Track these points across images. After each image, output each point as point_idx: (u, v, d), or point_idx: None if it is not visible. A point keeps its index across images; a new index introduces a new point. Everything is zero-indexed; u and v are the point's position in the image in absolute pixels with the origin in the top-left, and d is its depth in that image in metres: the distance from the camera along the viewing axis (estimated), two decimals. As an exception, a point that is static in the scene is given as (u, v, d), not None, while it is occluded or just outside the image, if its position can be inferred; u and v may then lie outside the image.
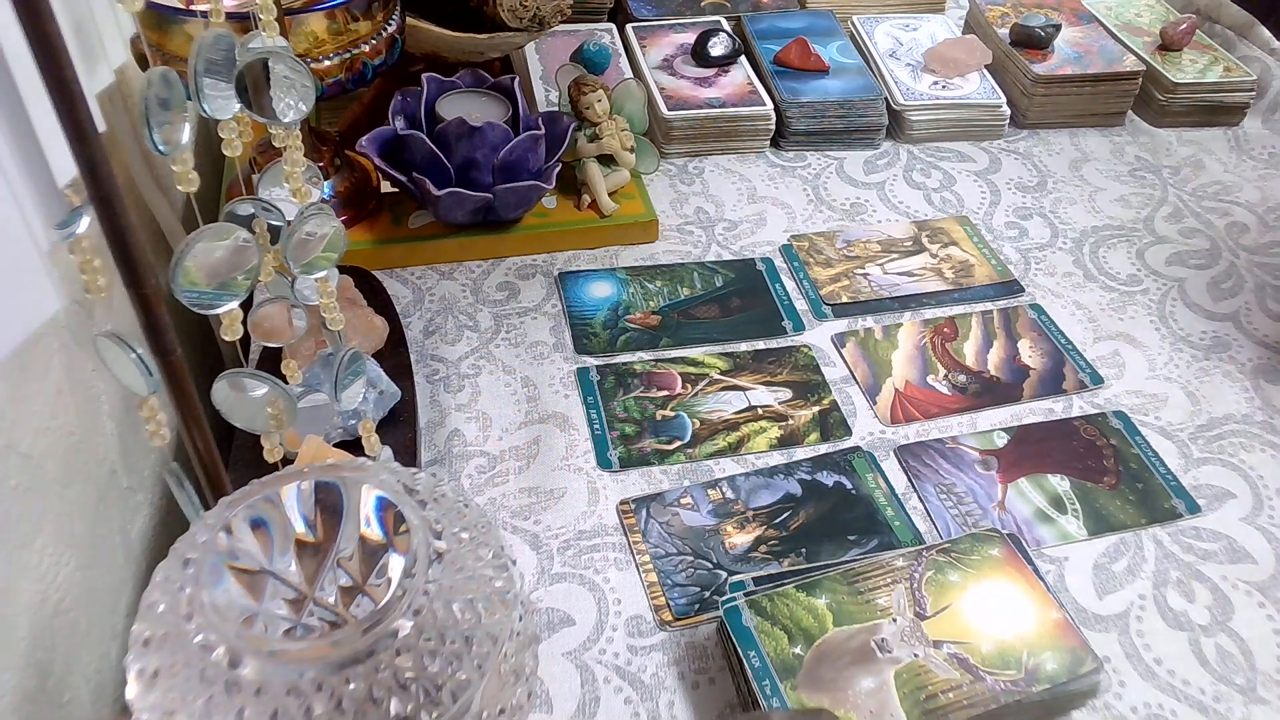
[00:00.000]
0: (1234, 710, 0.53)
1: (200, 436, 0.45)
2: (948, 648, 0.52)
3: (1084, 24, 1.05)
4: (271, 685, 0.33)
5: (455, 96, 0.80)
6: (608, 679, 0.54)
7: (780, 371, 0.72)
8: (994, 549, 0.57)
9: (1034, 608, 0.54)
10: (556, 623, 0.57)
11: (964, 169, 0.94)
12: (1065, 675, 0.51)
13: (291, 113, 0.45)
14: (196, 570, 0.36)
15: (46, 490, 0.48)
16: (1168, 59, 1.00)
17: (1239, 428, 0.69)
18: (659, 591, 0.58)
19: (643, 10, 1.06)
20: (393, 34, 0.75)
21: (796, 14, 1.06)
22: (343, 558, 0.40)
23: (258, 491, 0.39)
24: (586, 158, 0.82)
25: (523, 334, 0.75)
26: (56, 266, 0.49)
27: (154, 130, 0.38)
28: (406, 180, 0.76)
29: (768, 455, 0.66)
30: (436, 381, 0.71)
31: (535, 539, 0.61)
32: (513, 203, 0.78)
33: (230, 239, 0.41)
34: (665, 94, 0.93)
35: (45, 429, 0.49)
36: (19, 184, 0.44)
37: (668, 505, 0.63)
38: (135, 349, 0.40)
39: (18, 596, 0.45)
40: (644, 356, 0.73)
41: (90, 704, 0.51)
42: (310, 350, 0.64)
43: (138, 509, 0.59)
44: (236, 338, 0.45)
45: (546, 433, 0.67)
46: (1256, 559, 0.61)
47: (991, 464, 0.66)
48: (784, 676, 0.50)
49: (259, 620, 0.38)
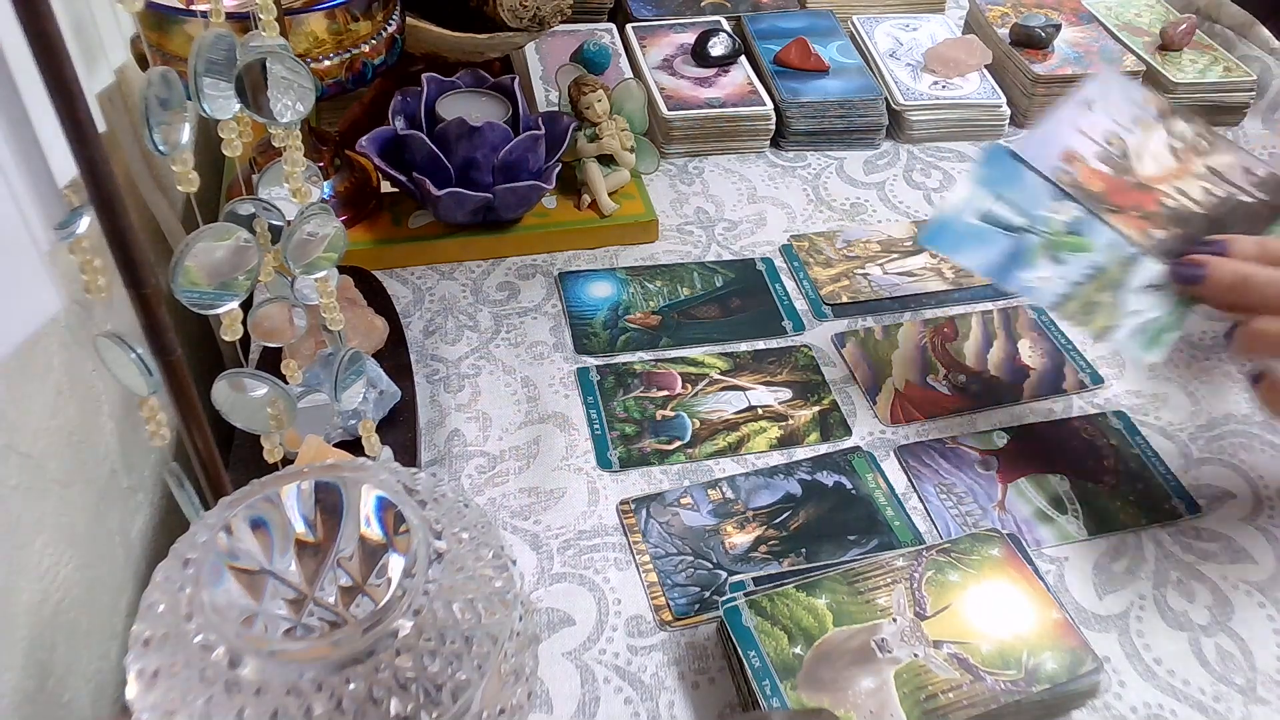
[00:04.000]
0: (1234, 710, 0.53)
1: (200, 436, 0.45)
2: (948, 648, 0.52)
3: (1084, 24, 1.05)
4: (271, 685, 0.33)
5: (455, 96, 0.80)
6: (608, 679, 0.54)
7: (780, 371, 0.72)
8: (994, 549, 0.57)
9: (1034, 608, 0.54)
10: (556, 623, 0.57)
11: (964, 169, 0.94)
12: (1065, 675, 0.51)
13: (290, 113, 0.45)
14: (196, 570, 0.36)
15: (46, 490, 0.48)
16: (1168, 59, 1.00)
17: (1239, 428, 0.69)
18: (659, 591, 0.58)
19: (643, 10, 1.06)
20: (393, 34, 0.75)
21: (796, 14, 1.06)
22: (343, 558, 0.40)
23: (258, 491, 0.39)
24: (586, 158, 0.82)
25: (523, 334, 0.75)
26: (56, 267, 0.49)
27: (154, 130, 0.38)
28: (406, 180, 0.76)
29: (768, 455, 0.66)
30: (436, 381, 0.71)
31: (535, 539, 0.61)
32: (513, 203, 0.78)
33: (230, 239, 0.41)
34: (665, 94, 0.93)
35: (45, 429, 0.49)
36: (19, 184, 0.44)
37: (668, 505, 0.63)
38: (135, 349, 0.40)
39: (18, 596, 0.45)
40: (644, 356, 0.73)
41: (90, 704, 0.51)
42: (310, 350, 0.64)
43: (138, 509, 0.59)
44: (236, 338, 0.45)
45: (546, 433, 0.67)
46: (1256, 559, 0.61)
47: (991, 464, 0.66)
48: (784, 676, 0.50)
49: (259, 620, 0.38)
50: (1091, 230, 0.61)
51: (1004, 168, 0.62)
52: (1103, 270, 0.60)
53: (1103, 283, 0.59)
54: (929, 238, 0.63)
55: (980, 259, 0.60)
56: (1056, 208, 0.61)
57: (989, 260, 0.60)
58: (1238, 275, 0.55)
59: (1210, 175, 0.62)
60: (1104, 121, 0.64)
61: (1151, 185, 0.62)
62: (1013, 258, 0.60)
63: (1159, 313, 0.58)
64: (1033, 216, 0.61)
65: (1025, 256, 0.60)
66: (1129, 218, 0.61)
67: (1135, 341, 0.58)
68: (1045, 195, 0.62)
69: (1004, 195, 0.61)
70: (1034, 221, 0.61)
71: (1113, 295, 0.59)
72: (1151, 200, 0.62)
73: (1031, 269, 0.60)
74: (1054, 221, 0.61)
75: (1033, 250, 0.60)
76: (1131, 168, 0.63)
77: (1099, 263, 0.60)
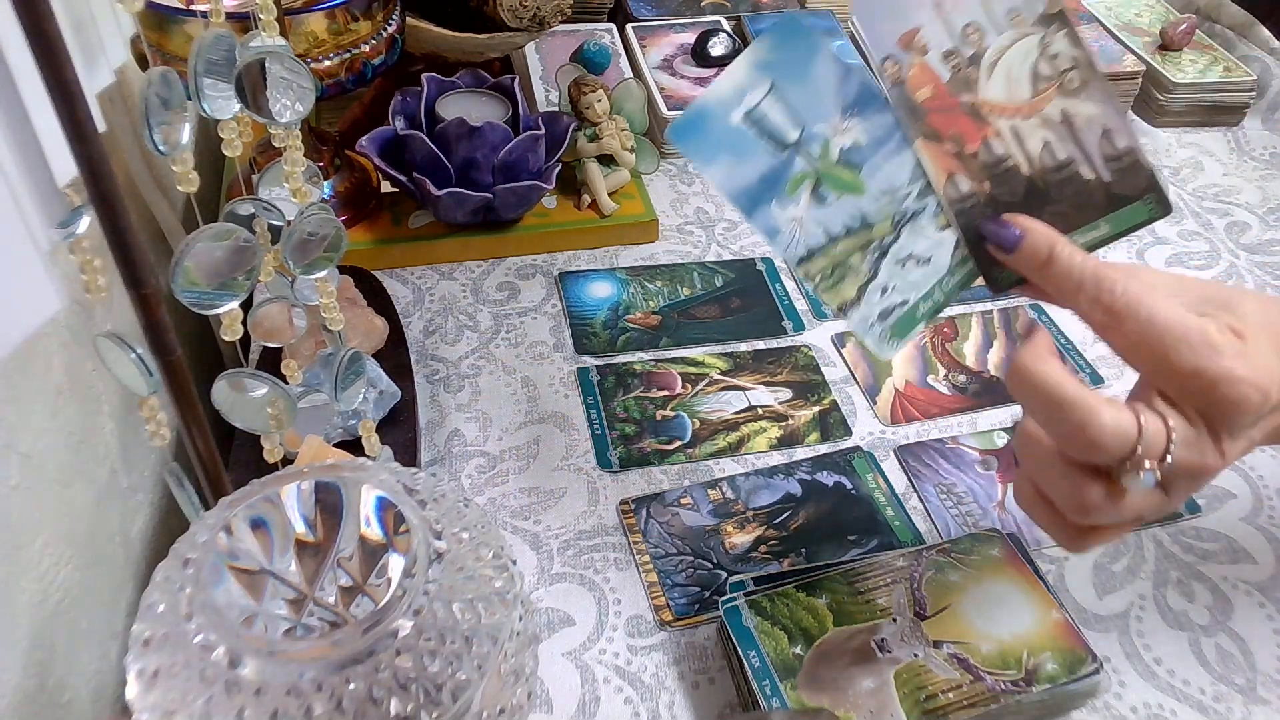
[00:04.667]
0: (1234, 710, 0.53)
1: (200, 436, 0.45)
2: (948, 648, 0.52)
3: (1084, 24, 1.05)
4: (271, 685, 0.33)
5: (455, 96, 0.80)
6: (608, 679, 0.54)
7: (780, 371, 0.72)
8: (994, 549, 0.57)
9: (1034, 608, 0.54)
10: (556, 623, 0.57)
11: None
12: (1065, 675, 0.51)
13: (290, 113, 0.45)
14: (196, 570, 0.36)
15: (46, 490, 0.48)
16: (1168, 59, 1.00)
17: (1239, 428, 0.69)
18: (659, 591, 0.58)
19: (643, 10, 1.06)
20: (393, 34, 0.75)
21: (797, 14, 1.06)
22: (343, 558, 0.40)
23: (258, 491, 0.39)
24: (586, 158, 0.82)
25: (523, 334, 0.75)
26: (56, 266, 0.49)
27: (154, 130, 0.38)
28: (406, 180, 0.76)
29: (768, 455, 0.66)
30: (436, 381, 0.71)
31: (535, 539, 0.61)
32: (513, 203, 0.78)
33: (230, 239, 0.41)
34: (665, 94, 0.93)
35: (45, 429, 0.49)
36: (19, 184, 0.44)
37: (668, 505, 0.63)
38: (135, 349, 0.40)
39: (18, 596, 0.45)
40: (644, 356, 0.73)
41: (90, 704, 0.51)
42: (310, 350, 0.64)
43: (138, 509, 0.59)
44: (236, 338, 0.45)
45: (546, 433, 0.67)
46: (1256, 559, 0.61)
47: (991, 464, 0.66)
48: (784, 676, 0.50)
49: (259, 620, 0.38)
50: (875, 162, 0.48)
51: (794, 47, 0.47)
52: (867, 224, 0.48)
53: (861, 240, 0.48)
54: (679, 132, 0.47)
55: (731, 176, 0.47)
56: (842, 124, 0.47)
57: (741, 180, 0.47)
58: (1057, 252, 0.45)
59: (1060, 126, 0.47)
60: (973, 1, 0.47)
61: (986, 115, 0.47)
62: (769, 183, 0.47)
63: (914, 295, 0.49)
64: (809, 131, 0.47)
65: (784, 184, 0.47)
66: (941, 152, 0.47)
67: (877, 327, 0.49)
68: (833, 99, 0.47)
69: (783, 89, 0.47)
70: (808, 139, 0.47)
71: (868, 261, 0.48)
72: (977, 136, 0.47)
73: (785, 203, 0.47)
74: (831, 145, 0.47)
75: (794, 178, 0.47)
76: (975, 81, 0.47)
77: (866, 213, 0.48)
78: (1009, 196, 0.47)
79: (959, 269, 0.49)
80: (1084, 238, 0.48)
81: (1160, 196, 0.47)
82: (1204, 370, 0.40)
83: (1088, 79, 0.46)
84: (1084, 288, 0.43)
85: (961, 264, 0.49)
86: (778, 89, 0.47)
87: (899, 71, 0.48)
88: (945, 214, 0.48)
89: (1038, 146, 0.47)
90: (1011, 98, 0.47)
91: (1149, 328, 0.41)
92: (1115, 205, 0.47)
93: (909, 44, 0.47)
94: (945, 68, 0.47)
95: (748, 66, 0.47)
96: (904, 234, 0.48)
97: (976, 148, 0.47)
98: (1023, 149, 0.47)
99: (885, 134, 0.48)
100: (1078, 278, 0.43)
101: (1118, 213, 0.48)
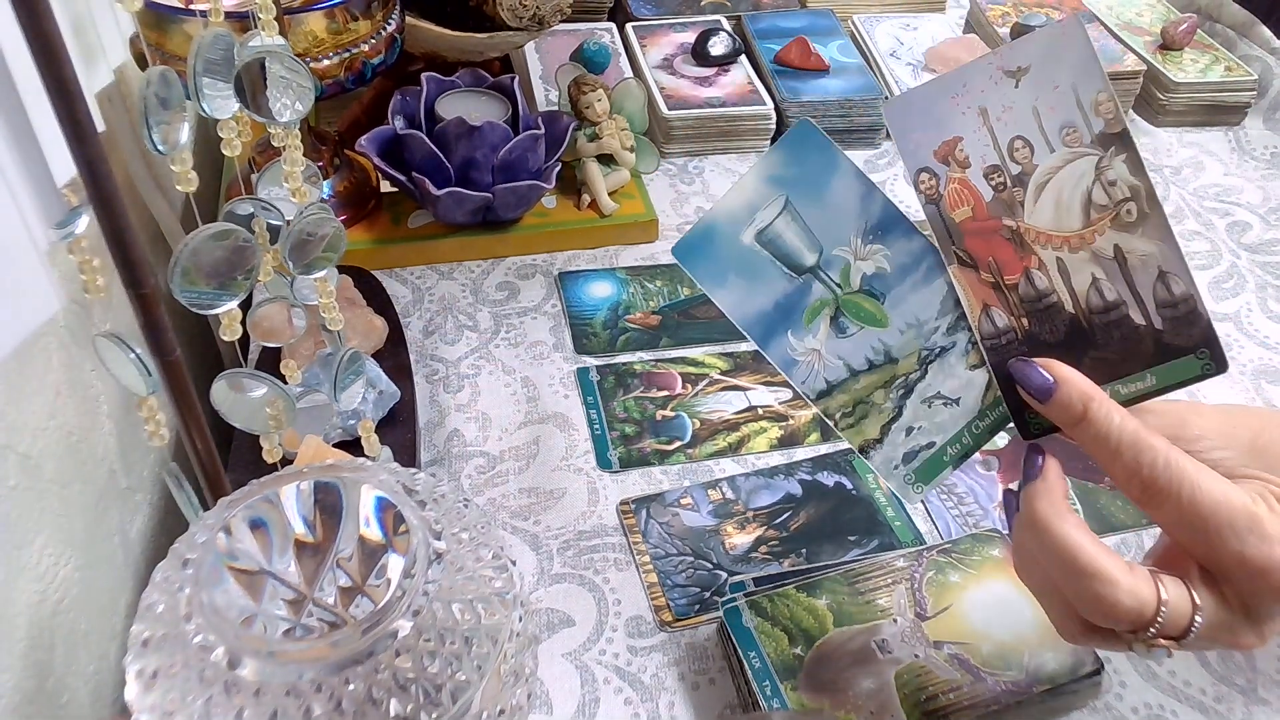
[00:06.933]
0: (1235, 711, 0.53)
1: (199, 436, 0.45)
2: (948, 648, 0.52)
3: (1085, 24, 1.04)
4: (271, 686, 0.33)
5: (455, 96, 0.80)
6: (607, 680, 0.54)
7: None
8: (994, 549, 0.57)
9: (1034, 608, 0.54)
10: (556, 623, 0.56)
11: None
12: (1065, 676, 0.51)
13: (289, 112, 0.44)
14: (196, 570, 0.36)
15: (45, 490, 0.48)
16: (1168, 58, 1.00)
17: (1240, 428, 0.69)
18: (659, 592, 0.58)
19: (643, 10, 1.06)
20: (392, 33, 0.75)
21: (797, 13, 1.06)
22: (342, 558, 0.40)
23: (257, 492, 0.39)
24: (586, 157, 0.82)
25: (522, 334, 0.75)
26: (56, 266, 0.49)
27: (153, 130, 0.38)
28: (406, 180, 0.76)
29: (768, 455, 0.66)
30: (436, 381, 0.71)
31: (535, 539, 0.61)
32: (512, 202, 0.78)
33: (229, 239, 0.41)
34: (665, 93, 0.93)
35: (44, 429, 0.49)
36: (18, 184, 0.44)
37: (668, 505, 0.63)
38: (134, 349, 0.40)
39: (17, 596, 0.45)
40: (644, 356, 0.73)
41: (89, 704, 0.51)
42: (310, 350, 0.64)
43: (137, 509, 0.59)
44: (236, 338, 0.45)
45: (546, 433, 0.67)
46: (1257, 559, 0.61)
47: (992, 464, 0.66)
48: (784, 677, 0.50)
49: (258, 621, 0.38)
50: (899, 292, 0.44)
51: (811, 161, 0.44)
52: (891, 359, 0.45)
53: (884, 376, 0.45)
54: (683, 251, 0.45)
55: (742, 302, 0.45)
56: (864, 249, 0.44)
57: (753, 307, 0.45)
58: (1093, 411, 0.41)
59: (1111, 262, 0.42)
60: (1023, 110, 0.42)
61: (1031, 243, 0.43)
62: (784, 311, 0.44)
63: (941, 438, 0.45)
64: (827, 255, 0.44)
65: (800, 313, 0.45)
66: (976, 280, 0.44)
67: (901, 470, 0.45)
68: (854, 221, 0.44)
69: (799, 207, 0.44)
70: (826, 264, 0.44)
71: (892, 398, 0.45)
72: (1019, 265, 0.43)
73: (802, 334, 0.45)
74: (852, 271, 0.44)
75: (812, 306, 0.44)
76: (1020, 203, 0.43)
77: (890, 347, 0.45)
78: (1048, 336, 0.43)
79: (990, 411, 0.46)
80: (1126, 388, 0.43)
81: (1217, 352, 0.43)
82: (1250, 560, 0.38)
83: (1147, 212, 0.42)
84: (1120, 456, 0.40)
85: (993, 406, 0.45)
86: (792, 207, 0.44)
87: (935, 187, 0.44)
88: (977, 350, 0.44)
89: (1085, 283, 0.43)
90: (1060, 226, 0.43)
91: (1191, 511, 0.38)
92: (1165, 357, 0.43)
93: (948, 156, 0.44)
94: (987, 186, 0.43)
95: (759, 181, 0.43)
96: (931, 372, 0.45)
97: (1017, 279, 0.43)
98: (1068, 285, 0.43)
99: (912, 261, 0.44)
100: (1115, 444, 0.40)
101: (1167, 365, 0.43)
